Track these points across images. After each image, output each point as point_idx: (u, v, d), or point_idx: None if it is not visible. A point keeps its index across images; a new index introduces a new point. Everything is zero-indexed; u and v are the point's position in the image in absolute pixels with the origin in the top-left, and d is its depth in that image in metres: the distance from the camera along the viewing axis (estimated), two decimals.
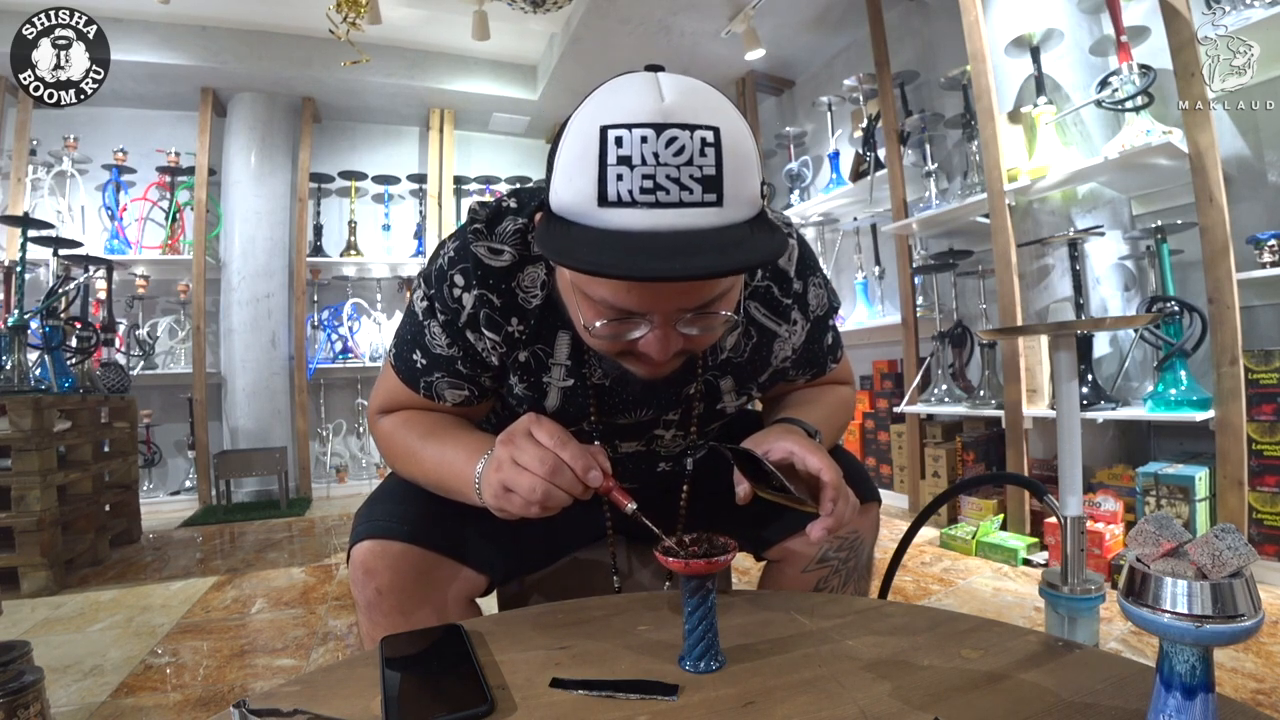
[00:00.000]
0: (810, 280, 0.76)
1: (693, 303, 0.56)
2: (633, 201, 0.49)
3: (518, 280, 0.68)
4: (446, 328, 0.70)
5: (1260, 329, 1.94)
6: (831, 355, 0.85)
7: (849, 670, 0.54)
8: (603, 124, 0.50)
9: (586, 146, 0.50)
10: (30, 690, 0.58)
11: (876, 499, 0.86)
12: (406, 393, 0.76)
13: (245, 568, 2.36)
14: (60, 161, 3.53)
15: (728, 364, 0.75)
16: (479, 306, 0.67)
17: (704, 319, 0.58)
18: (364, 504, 0.78)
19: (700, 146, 0.49)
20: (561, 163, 0.53)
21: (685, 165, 0.49)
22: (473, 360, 0.72)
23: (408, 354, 0.74)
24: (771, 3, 3.05)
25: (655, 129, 0.49)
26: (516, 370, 0.72)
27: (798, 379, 0.85)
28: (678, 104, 0.50)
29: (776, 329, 0.75)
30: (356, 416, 4.13)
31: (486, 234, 0.67)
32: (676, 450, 0.84)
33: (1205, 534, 0.40)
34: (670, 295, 0.55)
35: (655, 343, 0.57)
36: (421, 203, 4.18)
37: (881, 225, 3.19)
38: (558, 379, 0.72)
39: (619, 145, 0.49)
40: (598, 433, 0.77)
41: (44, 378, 2.46)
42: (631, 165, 0.49)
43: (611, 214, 0.50)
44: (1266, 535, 1.71)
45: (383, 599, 0.71)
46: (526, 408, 0.75)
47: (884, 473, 3.04)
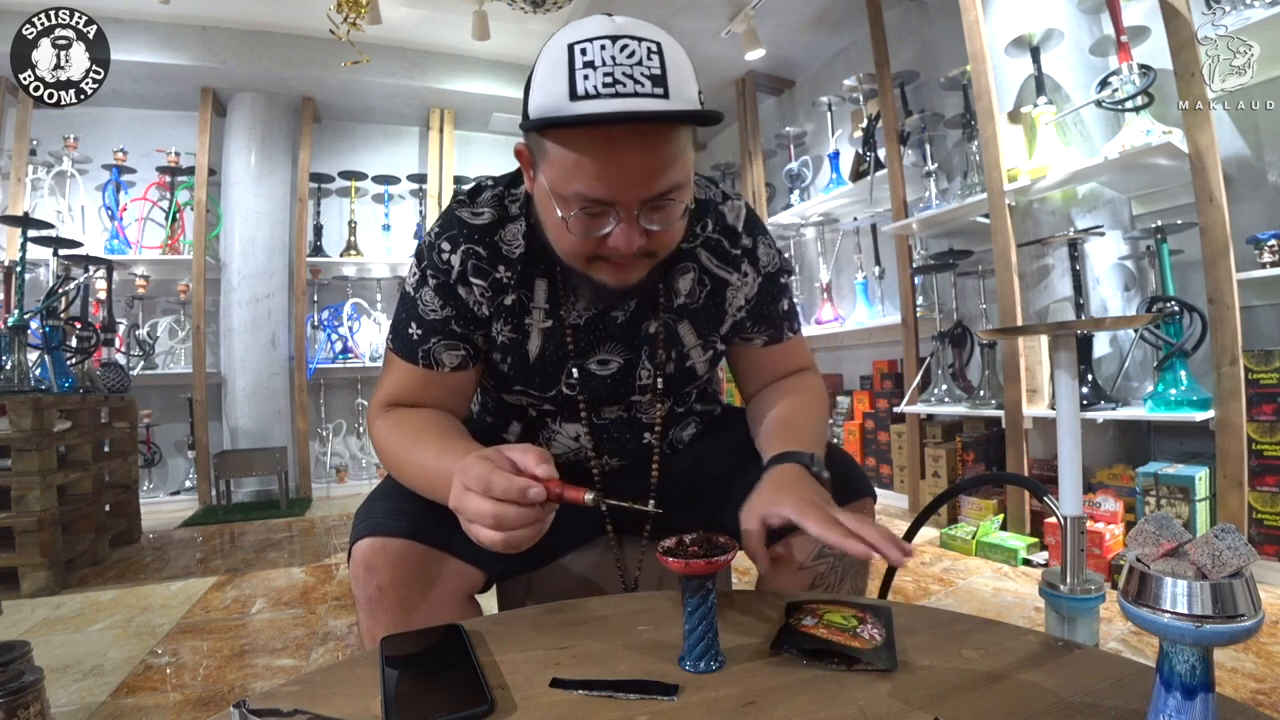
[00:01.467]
0: (759, 239, 0.85)
1: (653, 189, 0.64)
2: (598, 94, 0.60)
3: (499, 235, 0.78)
4: (439, 290, 0.78)
5: (1260, 329, 1.94)
6: (789, 323, 0.90)
7: (849, 670, 0.54)
8: (569, 42, 0.62)
9: (556, 60, 0.62)
10: (30, 690, 0.58)
11: (871, 495, 0.86)
12: (407, 376, 0.80)
13: (245, 568, 2.36)
14: (60, 161, 3.54)
15: (684, 309, 0.83)
16: (466, 259, 0.76)
17: (662, 211, 0.66)
18: (364, 502, 0.79)
19: (646, 53, 0.61)
20: (537, 79, 0.64)
21: (636, 65, 0.61)
22: (465, 318, 0.79)
23: (404, 330, 0.80)
24: (771, 3, 3.05)
25: (611, 39, 0.61)
26: (502, 315, 0.80)
27: (756, 338, 0.90)
28: (626, 25, 0.63)
29: (728, 278, 0.84)
30: (356, 416, 4.13)
31: (469, 202, 0.79)
32: (659, 418, 0.88)
33: (1205, 534, 0.40)
34: (634, 181, 0.63)
35: (622, 235, 0.66)
36: (421, 203, 4.18)
37: (881, 225, 3.19)
38: (538, 320, 0.81)
39: (583, 54, 0.61)
40: (582, 395, 0.83)
41: (44, 378, 2.46)
42: (594, 67, 0.60)
43: (581, 105, 0.60)
44: (1266, 535, 1.71)
45: (384, 595, 0.71)
46: (510, 359, 0.82)
47: (884, 473, 3.04)
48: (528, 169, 0.72)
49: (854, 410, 3.27)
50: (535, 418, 0.89)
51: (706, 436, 0.97)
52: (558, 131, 0.63)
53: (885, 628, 0.59)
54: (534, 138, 0.66)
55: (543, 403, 0.86)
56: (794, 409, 0.85)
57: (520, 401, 0.88)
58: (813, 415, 0.85)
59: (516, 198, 0.79)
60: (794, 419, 0.83)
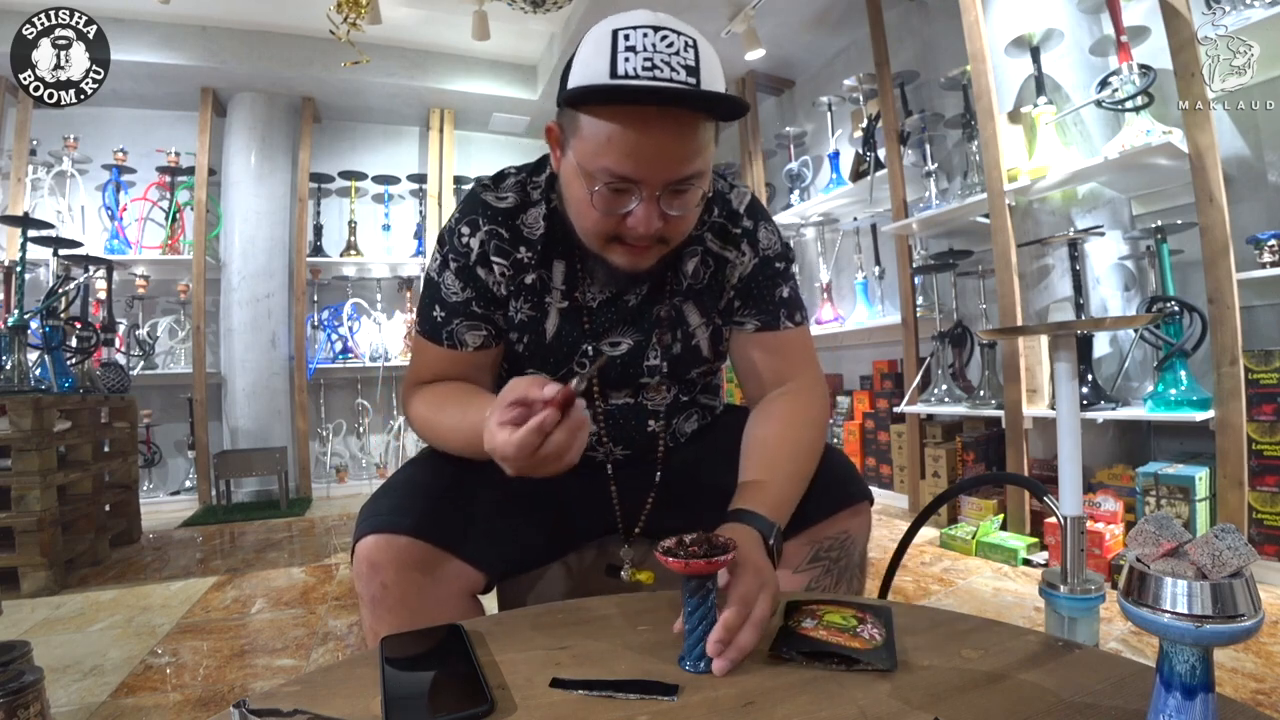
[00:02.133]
0: (761, 222, 0.87)
1: (678, 172, 0.68)
2: (636, 75, 0.64)
3: (521, 219, 0.82)
4: (459, 273, 0.82)
5: (1260, 329, 1.94)
6: (787, 311, 0.88)
7: (849, 670, 0.54)
8: (614, 28, 0.66)
9: (600, 42, 0.66)
10: (30, 690, 0.58)
11: (868, 499, 0.86)
12: (434, 357, 0.85)
13: (245, 568, 2.36)
14: (60, 161, 3.53)
15: (690, 290, 0.86)
16: (489, 239, 0.80)
17: (682, 195, 0.70)
18: (368, 500, 0.79)
19: (683, 46, 0.66)
20: (579, 58, 0.68)
21: (674, 55, 0.65)
22: (485, 299, 0.83)
23: (428, 313, 0.84)
24: (771, 3, 3.05)
25: (653, 28, 0.66)
26: (522, 294, 0.83)
27: (747, 322, 0.88)
28: (667, 20, 0.68)
29: (729, 256, 0.87)
30: (356, 416, 4.13)
31: (494, 187, 0.83)
32: (664, 405, 0.90)
33: (1205, 534, 0.40)
34: (661, 162, 0.67)
35: (642, 214, 0.69)
36: (421, 203, 4.18)
37: (881, 225, 3.19)
38: (556, 300, 0.84)
39: (626, 39, 0.65)
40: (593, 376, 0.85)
41: (44, 378, 2.46)
42: (635, 51, 0.64)
43: (620, 84, 0.64)
44: (1266, 535, 1.71)
45: (387, 593, 0.72)
46: (528, 339, 0.85)
47: (884, 473, 3.04)
48: (555, 148, 0.75)
49: (854, 410, 3.27)
50: None
51: (707, 434, 0.97)
52: (593, 106, 0.66)
53: (885, 628, 0.59)
54: (568, 114, 0.69)
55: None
56: (780, 446, 0.81)
57: None
58: (797, 450, 0.81)
59: (538, 184, 0.83)
60: (776, 458, 0.80)
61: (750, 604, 0.58)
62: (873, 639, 0.57)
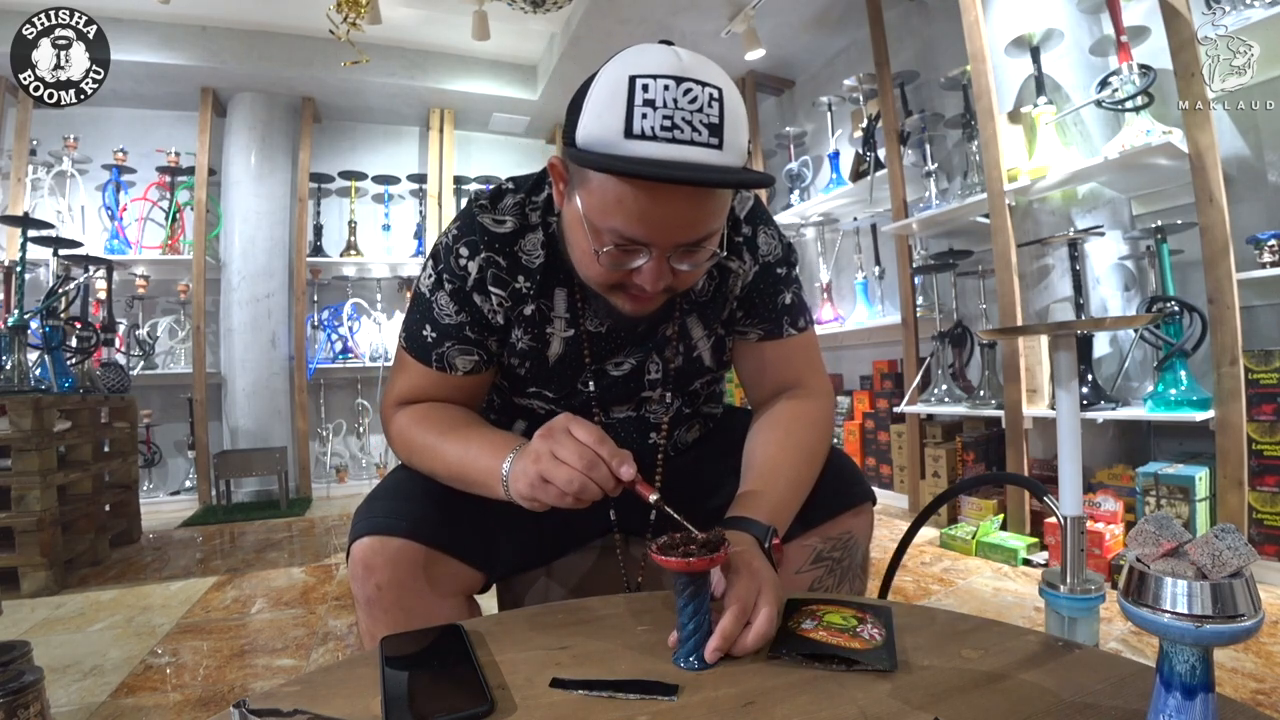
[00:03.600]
0: (760, 227, 0.84)
1: (691, 236, 0.64)
2: (654, 135, 0.58)
3: (519, 245, 0.77)
4: (454, 295, 0.77)
5: (1260, 329, 1.94)
6: (789, 318, 0.86)
7: (849, 670, 0.54)
8: (631, 74, 0.59)
9: (616, 90, 0.60)
10: (30, 690, 0.58)
11: (871, 499, 0.86)
12: (420, 376, 0.81)
13: (245, 568, 2.36)
14: (60, 161, 3.53)
15: (695, 304, 0.84)
16: (486, 267, 0.76)
17: (695, 254, 0.66)
18: (363, 502, 0.79)
19: (708, 100, 0.60)
20: (591, 103, 0.61)
21: (696, 112, 0.59)
22: (480, 325, 0.79)
23: (417, 332, 0.80)
24: (771, 3, 3.05)
25: (676, 80, 0.59)
26: (521, 324, 0.80)
27: (750, 332, 0.86)
28: (692, 66, 0.61)
29: (731, 265, 0.83)
30: (356, 416, 4.13)
31: (490, 208, 0.77)
32: (666, 418, 0.89)
33: (1205, 534, 0.40)
34: (675, 227, 0.63)
35: (650, 273, 0.65)
36: (421, 203, 4.18)
37: (881, 225, 3.19)
38: (560, 329, 0.81)
39: (645, 90, 0.59)
40: (595, 395, 0.84)
41: (44, 378, 2.46)
42: (654, 107, 0.58)
43: (635, 145, 0.59)
44: (1266, 535, 1.71)
45: (383, 595, 0.72)
46: (529, 364, 0.82)
47: (884, 473, 3.04)
48: (559, 182, 0.70)
49: (854, 410, 3.27)
50: (543, 416, 0.89)
51: (707, 438, 0.97)
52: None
53: (885, 628, 0.59)
54: (577, 161, 0.64)
55: (555, 404, 0.86)
56: (781, 454, 0.80)
57: (531, 404, 0.88)
58: (798, 457, 0.80)
59: (536, 205, 0.78)
60: (777, 467, 0.78)
61: (747, 607, 0.58)
62: (873, 639, 0.57)
